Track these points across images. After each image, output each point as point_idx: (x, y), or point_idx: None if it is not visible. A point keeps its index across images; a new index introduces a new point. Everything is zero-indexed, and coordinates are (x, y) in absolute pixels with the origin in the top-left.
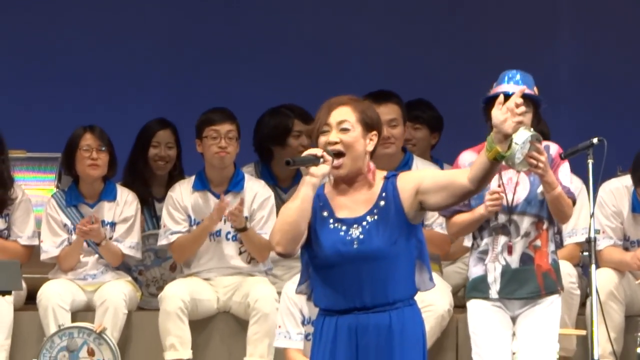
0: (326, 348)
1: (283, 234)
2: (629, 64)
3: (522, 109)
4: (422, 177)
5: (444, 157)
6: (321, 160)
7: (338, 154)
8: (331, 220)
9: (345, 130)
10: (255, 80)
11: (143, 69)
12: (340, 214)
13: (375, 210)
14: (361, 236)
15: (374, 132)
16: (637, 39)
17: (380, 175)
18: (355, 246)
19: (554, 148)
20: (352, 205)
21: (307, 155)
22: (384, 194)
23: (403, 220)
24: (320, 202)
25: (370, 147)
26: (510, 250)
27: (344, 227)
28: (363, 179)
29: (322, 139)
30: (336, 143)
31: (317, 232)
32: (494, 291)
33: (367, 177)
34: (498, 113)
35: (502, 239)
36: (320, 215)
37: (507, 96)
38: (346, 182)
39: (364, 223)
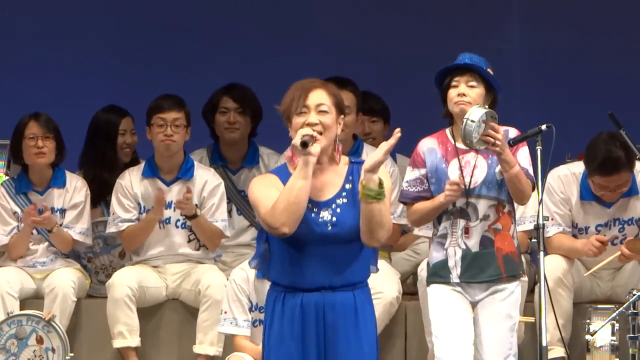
0: (293, 323)
1: (290, 215)
2: (578, 50)
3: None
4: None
5: (398, 147)
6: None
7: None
8: (300, 182)
9: (323, 112)
10: (211, 65)
11: (94, 56)
12: (312, 197)
13: (343, 194)
14: (333, 219)
15: (342, 116)
16: (586, 26)
17: (344, 159)
18: (329, 228)
19: (513, 132)
20: (320, 186)
21: (306, 136)
22: (350, 178)
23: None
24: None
25: (339, 130)
26: (468, 233)
27: (315, 209)
28: (330, 160)
29: (299, 120)
30: (316, 124)
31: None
32: (454, 276)
33: (335, 158)
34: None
35: (461, 223)
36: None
37: (459, 67)
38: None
39: (334, 206)
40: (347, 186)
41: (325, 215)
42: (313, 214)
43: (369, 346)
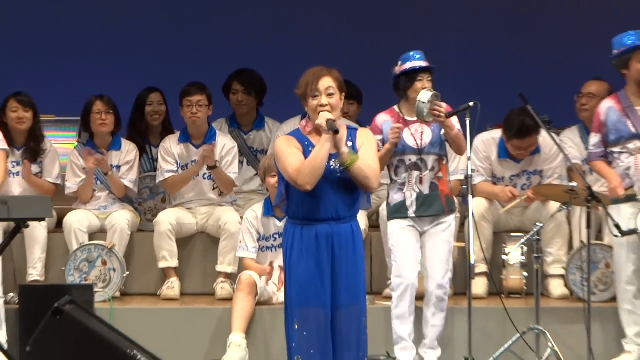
0: (310, 246)
1: (313, 177)
2: (503, 40)
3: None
4: (363, 144)
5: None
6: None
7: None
8: (325, 151)
9: (331, 95)
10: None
11: (142, 48)
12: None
13: (345, 147)
14: (340, 167)
15: (343, 94)
16: (510, 22)
17: (344, 125)
18: (338, 175)
19: (445, 105)
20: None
21: (331, 121)
22: (350, 138)
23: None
24: (305, 142)
25: (341, 104)
26: (421, 181)
27: (327, 161)
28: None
29: (314, 102)
30: (326, 105)
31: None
32: (411, 212)
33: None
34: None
35: (415, 173)
36: (309, 152)
37: (419, 70)
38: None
39: (336, 157)
40: (349, 143)
41: (334, 164)
42: (329, 163)
43: (361, 260)
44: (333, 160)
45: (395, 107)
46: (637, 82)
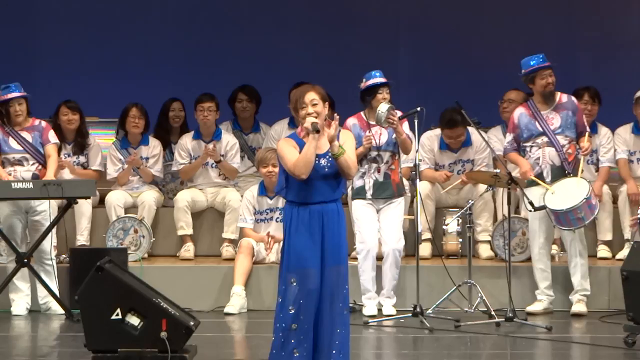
0: (304, 223)
1: (306, 168)
2: (444, 59)
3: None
4: (345, 142)
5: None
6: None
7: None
8: (313, 148)
9: (315, 104)
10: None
11: (166, 60)
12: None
13: (335, 142)
14: (328, 164)
15: (327, 102)
16: (453, 46)
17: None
18: (326, 170)
19: (399, 113)
20: (320, 144)
21: (315, 123)
22: (336, 139)
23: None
24: (300, 143)
25: (326, 111)
26: (378, 171)
27: (317, 159)
28: (323, 129)
29: (302, 112)
30: (311, 113)
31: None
32: (368, 194)
33: (325, 127)
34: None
35: (374, 165)
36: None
37: (380, 85)
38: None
39: (327, 156)
40: (336, 143)
41: (323, 161)
42: (316, 161)
43: (343, 231)
44: (322, 159)
45: (362, 113)
46: (541, 94)
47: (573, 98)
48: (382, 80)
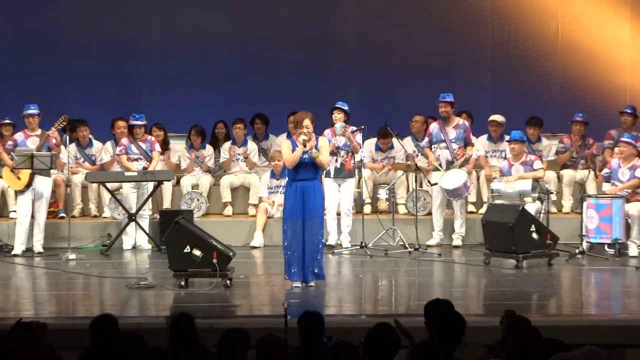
0: (291, 193)
1: (293, 163)
2: (380, 100)
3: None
4: (322, 146)
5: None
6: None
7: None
8: (300, 152)
9: (308, 127)
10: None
11: (215, 96)
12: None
13: (313, 150)
14: (309, 157)
15: (313, 123)
16: (383, 88)
17: (314, 137)
18: (307, 161)
19: (353, 127)
20: (308, 147)
21: (304, 139)
22: (316, 144)
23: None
24: (295, 145)
25: (312, 128)
26: (337, 161)
27: (304, 155)
28: (311, 140)
29: (300, 130)
30: (305, 133)
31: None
32: (331, 175)
33: (312, 139)
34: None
35: (340, 158)
36: (295, 149)
37: (336, 108)
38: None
39: (308, 154)
40: (316, 148)
41: (306, 156)
42: (303, 155)
43: (320, 199)
44: (305, 154)
45: (331, 129)
46: (442, 118)
47: (466, 122)
48: (337, 106)
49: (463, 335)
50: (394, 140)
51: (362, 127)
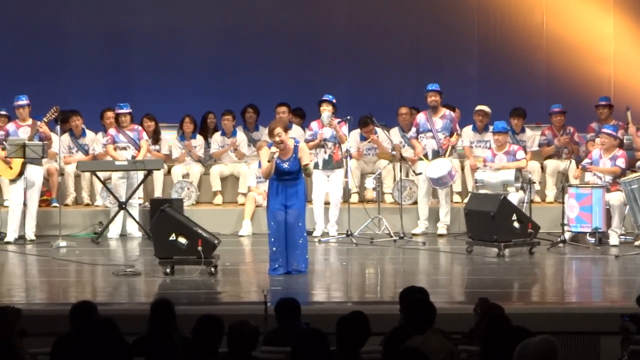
0: (274, 189)
1: (268, 175)
2: (368, 90)
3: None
4: (302, 156)
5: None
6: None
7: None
8: (279, 161)
9: (280, 134)
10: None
11: (206, 87)
12: (281, 159)
13: (292, 157)
14: (288, 167)
15: (288, 130)
16: (370, 80)
17: (291, 141)
18: (286, 169)
19: (338, 119)
20: (282, 156)
21: (271, 155)
22: (295, 151)
23: (298, 160)
24: (272, 148)
25: (284, 135)
26: (325, 152)
27: (282, 163)
28: (285, 146)
29: (272, 139)
30: (278, 139)
31: (277, 165)
32: (320, 167)
33: (287, 146)
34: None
35: (328, 150)
36: (277, 159)
37: (322, 101)
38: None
39: (288, 162)
40: (294, 155)
41: (286, 164)
42: (282, 164)
43: (302, 193)
44: (285, 162)
45: (318, 120)
46: (431, 107)
47: (452, 113)
48: (324, 99)
49: (433, 322)
50: (379, 130)
51: (348, 117)
